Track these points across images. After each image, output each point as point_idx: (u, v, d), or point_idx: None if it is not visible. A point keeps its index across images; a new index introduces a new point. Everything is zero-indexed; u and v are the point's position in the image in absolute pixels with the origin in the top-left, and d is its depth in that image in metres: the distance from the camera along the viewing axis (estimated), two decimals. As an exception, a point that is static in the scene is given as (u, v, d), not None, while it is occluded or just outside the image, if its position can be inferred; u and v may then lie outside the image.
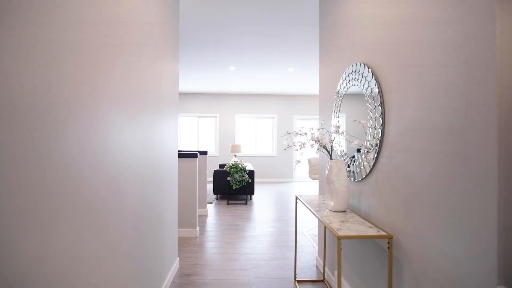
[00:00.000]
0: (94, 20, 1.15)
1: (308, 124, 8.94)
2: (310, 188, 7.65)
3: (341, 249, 1.38)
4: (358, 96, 1.92)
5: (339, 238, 1.38)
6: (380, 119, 1.62)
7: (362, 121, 1.83)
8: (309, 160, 6.66)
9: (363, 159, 1.83)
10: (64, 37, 0.96)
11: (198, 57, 5.22)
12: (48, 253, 0.90)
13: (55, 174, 0.92)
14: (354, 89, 1.99)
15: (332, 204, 1.82)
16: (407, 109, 1.39)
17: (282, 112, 9.07)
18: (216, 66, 5.87)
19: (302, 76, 6.56)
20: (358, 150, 1.95)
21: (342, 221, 1.62)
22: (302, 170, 8.85)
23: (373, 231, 1.47)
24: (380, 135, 1.63)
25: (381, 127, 1.62)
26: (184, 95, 8.84)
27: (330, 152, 1.93)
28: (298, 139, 2.01)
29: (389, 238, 1.44)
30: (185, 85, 7.80)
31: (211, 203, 5.53)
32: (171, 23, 2.48)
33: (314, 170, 6.57)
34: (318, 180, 6.89)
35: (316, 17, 3.45)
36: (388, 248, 1.44)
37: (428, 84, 1.24)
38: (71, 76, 1.00)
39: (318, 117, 8.66)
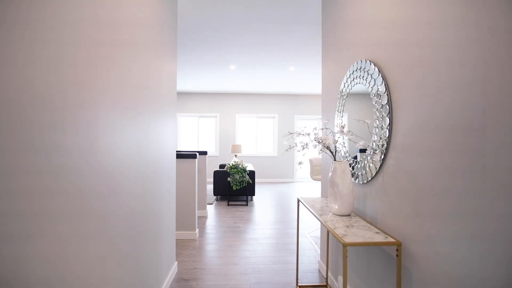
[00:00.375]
0: (92, 21, 1.14)
1: (309, 124, 8.85)
2: (311, 189, 7.57)
3: (347, 256, 1.30)
4: (363, 94, 1.84)
5: (345, 246, 1.30)
6: (387, 118, 1.54)
7: (367, 121, 1.74)
8: (310, 161, 6.57)
9: (369, 160, 1.75)
10: (63, 38, 0.95)
11: (198, 56, 5.14)
12: (48, 253, 0.90)
13: (55, 174, 0.92)
14: (358, 87, 1.91)
15: (336, 207, 1.74)
16: (416, 107, 1.31)
17: (283, 112, 8.99)
18: (216, 65, 5.79)
19: (304, 75, 6.48)
20: (361, 151, 1.86)
21: (347, 226, 1.54)
22: (303, 171, 8.77)
23: (380, 237, 1.39)
24: (387, 135, 1.55)
25: (388, 127, 1.54)
26: (184, 94, 8.77)
27: (334, 153, 1.85)
28: (300, 139, 1.93)
29: (398, 245, 1.35)
30: (185, 85, 7.72)
31: (211, 204, 5.45)
32: (169, 22, 2.41)
33: (316, 171, 6.49)
34: (319, 181, 6.80)
35: (318, 15, 3.37)
36: (397, 255, 1.36)
37: (438, 81, 1.15)
38: (71, 77, 1.00)
39: (319, 117, 8.59)
